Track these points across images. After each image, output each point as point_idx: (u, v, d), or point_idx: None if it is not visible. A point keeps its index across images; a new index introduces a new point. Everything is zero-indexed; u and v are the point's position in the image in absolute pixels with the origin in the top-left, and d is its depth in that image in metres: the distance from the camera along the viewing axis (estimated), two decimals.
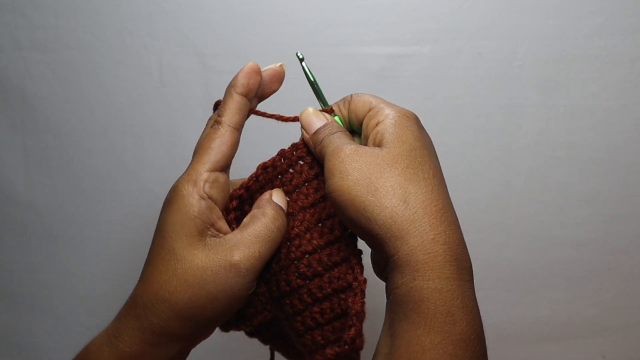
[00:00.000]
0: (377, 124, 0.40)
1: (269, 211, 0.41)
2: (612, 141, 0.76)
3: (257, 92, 0.43)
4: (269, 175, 0.45)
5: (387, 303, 0.37)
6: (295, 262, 0.40)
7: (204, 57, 0.76)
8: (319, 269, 0.40)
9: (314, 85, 0.45)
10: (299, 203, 0.43)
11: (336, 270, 0.40)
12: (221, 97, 0.72)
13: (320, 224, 0.41)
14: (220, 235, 0.40)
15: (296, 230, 0.41)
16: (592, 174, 0.77)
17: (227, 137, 0.41)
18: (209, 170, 0.40)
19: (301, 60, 0.45)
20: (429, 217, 0.35)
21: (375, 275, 0.42)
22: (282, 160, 0.45)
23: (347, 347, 0.37)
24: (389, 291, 0.37)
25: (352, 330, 0.37)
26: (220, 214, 0.41)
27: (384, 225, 0.35)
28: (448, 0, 0.73)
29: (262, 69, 0.43)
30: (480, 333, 0.34)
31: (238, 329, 0.46)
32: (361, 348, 0.38)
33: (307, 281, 0.40)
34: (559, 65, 0.74)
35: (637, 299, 0.80)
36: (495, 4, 0.73)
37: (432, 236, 0.34)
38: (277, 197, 0.43)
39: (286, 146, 0.45)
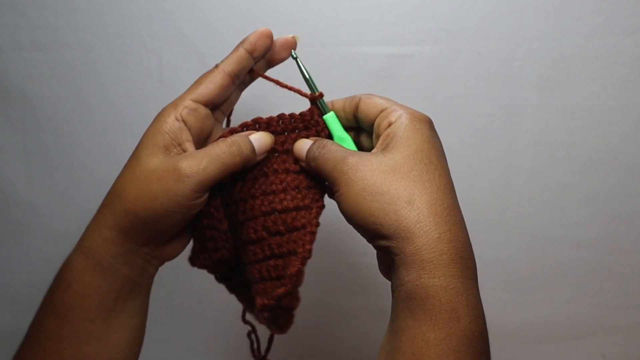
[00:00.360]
0: (389, 125, 0.41)
1: (231, 138, 0.43)
2: (612, 141, 0.76)
3: (264, 54, 0.47)
4: (261, 129, 0.47)
5: (392, 301, 0.38)
6: (265, 215, 0.43)
7: (204, 57, 0.76)
8: (282, 228, 0.42)
9: (308, 82, 0.47)
10: (287, 165, 0.45)
11: (294, 234, 0.42)
12: None
13: (296, 190, 0.44)
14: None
15: (274, 187, 0.44)
16: (592, 174, 0.77)
17: (217, 78, 0.45)
18: (192, 100, 0.44)
19: (295, 58, 0.47)
20: (434, 217, 0.36)
21: (377, 278, 0.43)
22: (280, 123, 0.47)
23: (272, 301, 0.40)
24: (393, 289, 0.37)
25: (282, 289, 0.40)
26: (190, 138, 0.44)
27: (390, 228, 0.36)
28: (448, 0, 0.73)
29: (276, 38, 0.46)
30: (483, 330, 0.35)
31: (202, 264, 0.48)
32: (290, 308, 0.41)
33: (270, 236, 0.43)
34: (559, 65, 0.74)
35: (637, 299, 0.80)
36: (495, 4, 0.73)
37: (437, 235, 0.35)
38: (256, 135, 0.44)
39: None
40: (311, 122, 0.47)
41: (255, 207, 0.44)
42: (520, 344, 0.82)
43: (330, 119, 0.47)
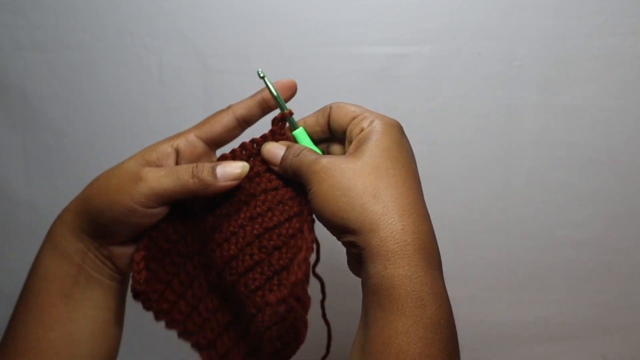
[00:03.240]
0: (361, 131, 0.42)
1: (197, 165, 0.43)
2: (612, 141, 0.76)
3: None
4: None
5: (362, 297, 0.39)
6: (259, 237, 0.43)
7: (204, 57, 0.76)
8: (279, 242, 0.42)
9: (277, 100, 0.47)
10: (262, 186, 0.45)
11: (292, 241, 0.42)
12: (220, 97, 0.72)
13: (281, 205, 0.44)
14: None
15: (258, 210, 0.44)
16: (592, 174, 0.77)
17: (225, 120, 0.47)
18: (195, 135, 0.46)
19: (262, 77, 0.46)
20: (398, 210, 0.37)
21: (352, 277, 0.43)
22: (243, 152, 0.47)
23: (286, 290, 0.40)
24: (362, 284, 0.38)
25: (293, 277, 0.40)
26: (174, 165, 0.46)
27: (357, 222, 0.37)
28: (448, 0, 0.73)
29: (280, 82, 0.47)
30: (449, 317, 0.36)
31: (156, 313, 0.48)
32: (303, 301, 0.40)
33: (268, 255, 0.42)
34: (559, 65, 0.74)
35: (637, 299, 0.80)
36: (495, 4, 0.73)
37: (400, 227, 0.36)
38: (223, 166, 0.44)
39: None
40: (281, 139, 0.47)
41: (247, 233, 0.43)
42: (520, 344, 0.82)
43: (300, 134, 0.47)
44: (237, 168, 0.44)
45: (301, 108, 0.48)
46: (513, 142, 0.77)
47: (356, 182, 0.38)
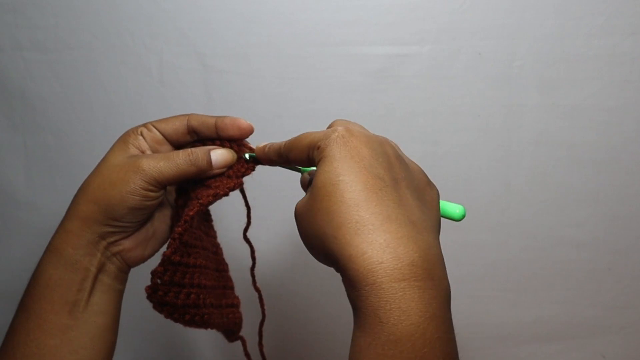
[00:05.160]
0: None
1: (192, 149, 0.48)
2: (612, 141, 0.76)
3: (229, 139, 0.51)
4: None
5: None
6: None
7: (204, 57, 0.76)
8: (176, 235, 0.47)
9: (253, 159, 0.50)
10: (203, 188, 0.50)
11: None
12: (220, 97, 0.73)
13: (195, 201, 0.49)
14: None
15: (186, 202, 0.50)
16: (592, 174, 0.77)
17: (177, 122, 0.50)
18: (152, 124, 0.50)
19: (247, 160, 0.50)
20: (343, 240, 0.36)
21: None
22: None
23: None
24: None
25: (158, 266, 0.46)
26: (149, 149, 0.49)
27: (327, 261, 0.39)
28: (448, 0, 0.73)
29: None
30: (414, 332, 0.33)
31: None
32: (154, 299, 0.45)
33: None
34: (559, 65, 0.74)
35: (637, 299, 0.80)
36: (495, 4, 0.73)
37: (348, 254, 0.35)
38: (217, 151, 0.49)
39: None
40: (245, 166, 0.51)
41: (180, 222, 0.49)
42: (520, 344, 0.82)
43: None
44: (229, 156, 0.49)
45: (302, 108, 0.49)
46: (513, 142, 0.77)
47: (312, 221, 0.38)
